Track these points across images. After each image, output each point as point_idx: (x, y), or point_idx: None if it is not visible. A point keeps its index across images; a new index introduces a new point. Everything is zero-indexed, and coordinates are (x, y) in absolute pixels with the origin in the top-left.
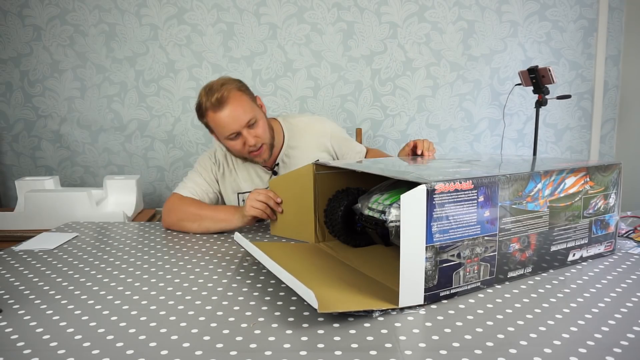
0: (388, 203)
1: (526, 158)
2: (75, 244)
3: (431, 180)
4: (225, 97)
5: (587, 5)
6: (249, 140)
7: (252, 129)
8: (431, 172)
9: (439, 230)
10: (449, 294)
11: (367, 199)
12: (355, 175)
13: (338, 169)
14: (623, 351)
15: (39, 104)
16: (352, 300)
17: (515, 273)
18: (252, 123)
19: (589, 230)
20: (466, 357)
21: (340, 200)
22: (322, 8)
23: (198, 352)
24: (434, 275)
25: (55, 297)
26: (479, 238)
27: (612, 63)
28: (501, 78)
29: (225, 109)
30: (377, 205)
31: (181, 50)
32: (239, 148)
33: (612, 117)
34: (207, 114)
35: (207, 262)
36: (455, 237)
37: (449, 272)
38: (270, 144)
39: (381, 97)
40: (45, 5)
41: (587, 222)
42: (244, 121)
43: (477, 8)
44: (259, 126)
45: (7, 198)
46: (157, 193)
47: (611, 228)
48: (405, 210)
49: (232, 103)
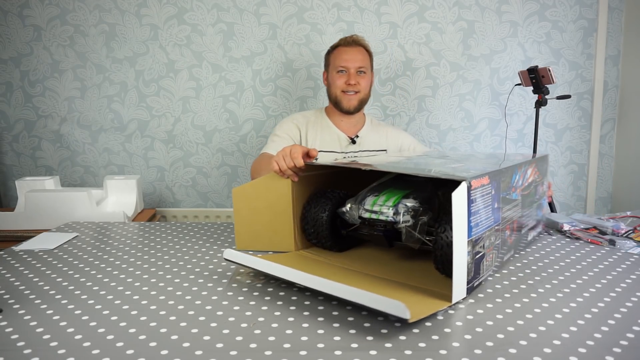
0: (391, 204)
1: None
2: (75, 244)
3: (469, 177)
4: (359, 42)
5: (586, 5)
6: (352, 79)
7: (359, 76)
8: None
9: (474, 224)
10: (478, 283)
11: (361, 201)
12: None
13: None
14: (623, 351)
15: (39, 104)
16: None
17: (506, 257)
18: (362, 72)
19: (535, 214)
20: (466, 357)
21: (323, 205)
22: (322, 8)
23: (198, 352)
24: (471, 268)
25: (55, 297)
26: (493, 228)
27: (611, 63)
28: (501, 78)
29: (353, 48)
30: (379, 207)
31: (181, 50)
32: (339, 83)
33: (612, 117)
34: (337, 47)
35: (207, 262)
36: (482, 229)
37: (479, 262)
38: (363, 99)
39: (381, 97)
40: (46, 6)
41: (535, 206)
42: (359, 64)
43: (477, 8)
44: (365, 79)
45: (7, 198)
46: (157, 193)
47: (544, 210)
48: (457, 207)
49: (360, 49)
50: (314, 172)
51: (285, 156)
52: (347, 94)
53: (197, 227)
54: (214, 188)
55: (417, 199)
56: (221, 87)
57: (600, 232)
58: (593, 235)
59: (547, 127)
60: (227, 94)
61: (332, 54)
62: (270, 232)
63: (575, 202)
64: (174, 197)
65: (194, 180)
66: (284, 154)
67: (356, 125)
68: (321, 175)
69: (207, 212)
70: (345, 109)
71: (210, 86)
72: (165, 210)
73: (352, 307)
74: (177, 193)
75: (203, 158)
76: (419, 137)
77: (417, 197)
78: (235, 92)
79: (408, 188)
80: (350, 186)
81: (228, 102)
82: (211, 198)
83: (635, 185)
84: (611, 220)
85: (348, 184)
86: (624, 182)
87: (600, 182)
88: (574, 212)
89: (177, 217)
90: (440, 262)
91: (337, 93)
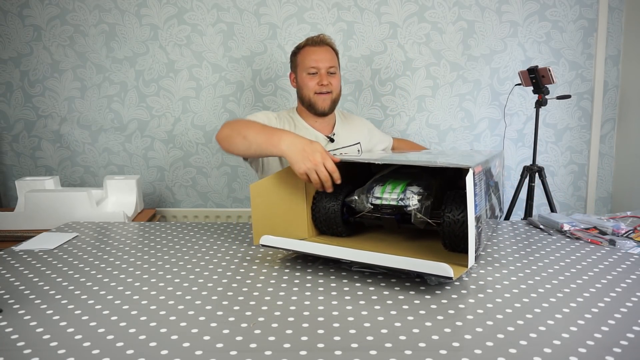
0: (399, 191)
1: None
2: (75, 244)
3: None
4: (325, 41)
5: (587, 5)
6: (324, 79)
7: (330, 76)
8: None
9: (476, 203)
10: (479, 254)
11: (369, 191)
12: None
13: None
14: (623, 351)
15: (39, 104)
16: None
17: (489, 233)
18: (332, 72)
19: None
20: (466, 357)
21: (336, 195)
22: (322, 8)
23: (198, 352)
24: (478, 240)
25: (55, 297)
26: (485, 208)
27: (612, 63)
28: (501, 78)
29: (320, 48)
30: (388, 194)
31: (181, 50)
32: (311, 85)
33: (612, 117)
34: (304, 47)
35: (207, 262)
36: (480, 207)
37: (479, 236)
38: (336, 99)
39: (381, 97)
40: (46, 6)
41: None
42: (328, 64)
43: (477, 8)
44: (336, 79)
45: (7, 198)
46: (157, 193)
47: (502, 198)
48: (469, 189)
49: (327, 48)
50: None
51: (317, 168)
52: (321, 95)
53: (197, 227)
54: (214, 188)
55: (420, 186)
56: (221, 87)
57: (601, 232)
58: (593, 235)
59: (547, 127)
60: (227, 94)
61: (299, 55)
62: (286, 223)
63: (575, 202)
64: (174, 197)
65: (194, 180)
66: (316, 167)
67: (329, 122)
68: None
69: (207, 212)
70: (320, 110)
71: (210, 86)
72: (165, 210)
73: (352, 307)
74: (177, 193)
75: (203, 158)
76: (419, 137)
77: (420, 184)
78: (235, 92)
79: (408, 178)
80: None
81: (228, 102)
82: (211, 198)
83: (635, 185)
84: (611, 220)
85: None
86: (624, 182)
87: (600, 182)
88: (574, 212)
89: (177, 217)
90: (448, 238)
91: (310, 95)
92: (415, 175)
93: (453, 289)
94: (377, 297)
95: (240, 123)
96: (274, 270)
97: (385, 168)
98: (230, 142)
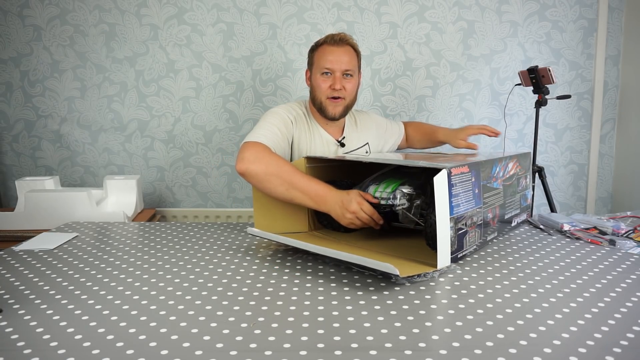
0: (390, 191)
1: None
2: (75, 244)
3: (448, 166)
4: (346, 41)
5: (587, 5)
6: (337, 84)
7: (345, 80)
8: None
9: (456, 204)
10: (462, 255)
11: (365, 189)
12: (339, 170)
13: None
14: (623, 351)
15: (39, 104)
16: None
17: (490, 237)
18: (349, 75)
19: (519, 203)
20: (466, 357)
21: None
22: (322, 8)
23: (198, 352)
24: (454, 241)
25: (55, 297)
26: (475, 209)
27: (611, 63)
28: (501, 78)
29: (339, 48)
30: (380, 193)
31: (181, 50)
32: (324, 87)
33: (612, 117)
34: (322, 45)
35: (207, 262)
36: (464, 209)
37: (462, 238)
38: (349, 105)
39: (381, 97)
40: (46, 5)
41: (518, 196)
42: (345, 67)
43: (477, 8)
44: (351, 83)
45: (7, 198)
46: (157, 193)
47: (528, 200)
48: (438, 189)
49: (347, 49)
50: (321, 165)
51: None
52: (333, 100)
53: (197, 227)
54: (213, 188)
55: (411, 186)
56: (221, 87)
57: (601, 232)
58: (593, 235)
59: (547, 127)
60: (227, 94)
61: (316, 52)
62: (286, 215)
63: (575, 202)
64: (174, 197)
65: (194, 180)
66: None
67: (340, 125)
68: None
69: (207, 212)
70: (330, 116)
71: (210, 86)
72: (165, 210)
73: (352, 307)
74: (177, 193)
75: (203, 158)
76: None
77: (412, 184)
78: (235, 92)
79: (404, 178)
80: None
81: (228, 102)
82: (211, 198)
83: (635, 185)
84: (611, 220)
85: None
86: (624, 182)
87: (600, 182)
88: (574, 212)
89: (177, 217)
90: (430, 238)
91: (321, 99)
92: (415, 175)
93: (453, 289)
94: (377, 297)
95: (278, 166)
96: (274, 270)
97: (386, 166)
98: (268, 187)
